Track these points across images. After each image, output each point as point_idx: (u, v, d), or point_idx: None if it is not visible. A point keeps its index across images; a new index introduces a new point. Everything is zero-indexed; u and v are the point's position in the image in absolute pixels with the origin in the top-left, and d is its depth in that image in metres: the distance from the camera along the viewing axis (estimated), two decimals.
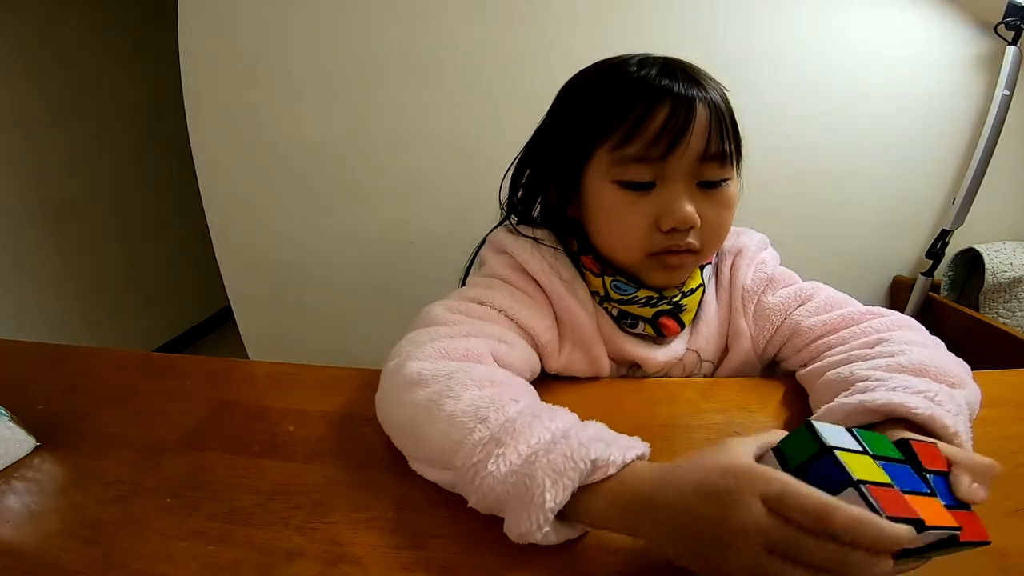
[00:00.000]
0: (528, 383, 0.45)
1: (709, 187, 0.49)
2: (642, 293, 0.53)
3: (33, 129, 1.71)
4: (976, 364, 0.45)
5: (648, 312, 0.54)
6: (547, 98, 0.56)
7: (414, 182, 1.16)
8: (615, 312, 0.55)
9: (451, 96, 1.10)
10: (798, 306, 0.54)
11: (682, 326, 0.55)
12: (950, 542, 0.27)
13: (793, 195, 1.14)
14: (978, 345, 0.99)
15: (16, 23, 1.63)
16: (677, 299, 0.54)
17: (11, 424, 0.46)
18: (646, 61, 0.49)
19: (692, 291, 0.55)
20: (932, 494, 0.28)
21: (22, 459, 0.46)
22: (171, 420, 0.51)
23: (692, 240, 0.49)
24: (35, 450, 0.47)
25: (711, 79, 0.50)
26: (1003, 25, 1.01)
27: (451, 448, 0.36)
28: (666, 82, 0.46)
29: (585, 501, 0.32)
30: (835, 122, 1.10)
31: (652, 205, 0.48)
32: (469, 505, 0.36)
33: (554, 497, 0.31)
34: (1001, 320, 1.06)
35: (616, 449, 0.33)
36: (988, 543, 0.28)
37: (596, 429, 0.35)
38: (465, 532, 0.36)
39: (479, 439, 0.35)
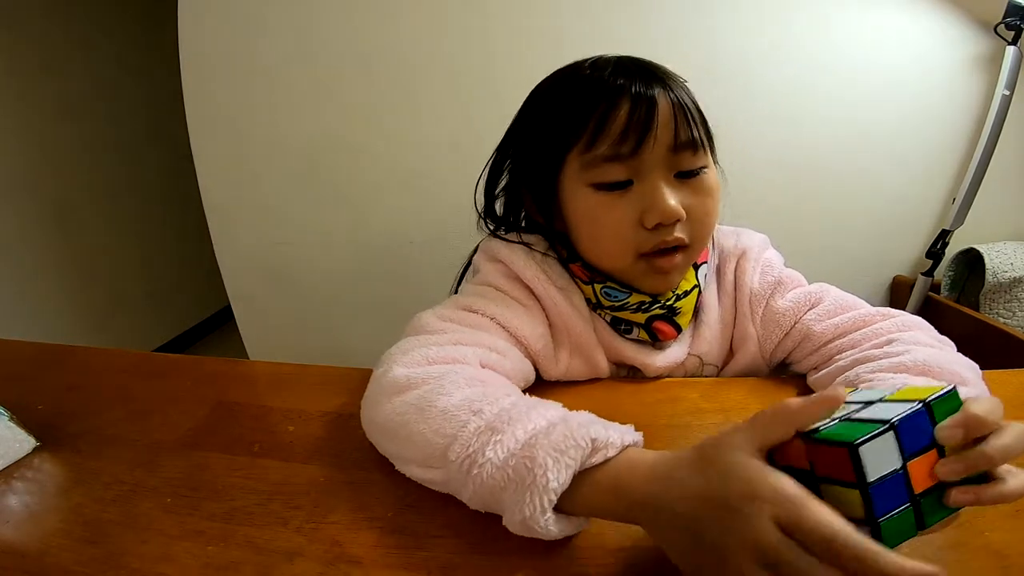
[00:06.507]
0: (518, 388, 0.44)
1: (687, 177, 0.48)
2: (634, 298, 0.52)
3: (33, 129, 1.71)
4: (976, 364, 0.45)
5: (641, 318, 0.53)
6: None
7: (414, 182, 1.15)
8: (608, 319, 0.54)
9: (451, 95, 1.10)
10: (808, 310, 0.53)
11: (678, 330, 0.54)
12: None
13: (793, 195, 1.14)
14: (978, 345, 0.98)
15: (17, 23, 1.63)
16: (671, 303, 0.53)
17: (11, 424, 0.46)
18: (599, 62, 0.50)
19: (686, 293, 0.54)
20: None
21: (22, 459, 0.46)
22: (171, 420, 0.51)
23: (680, 234, 0.48)
24: (35, 450, 0.47)
25: (668, 71, 0.50)
26: (1003, 25, 1.01)
27: (444, 444, 0.35)
28: (622, 80, 0.47)
29: (584, 486, 0.32)
30: (835, 122, 1.10)
31: (633, 203, 0.47)
32: (464, 500, 0.35)
33: (557, 476, 0.30)
34: (1001, 320, 1.06)
35: (614, 431, 0.33)
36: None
37: (590, 416, 0.35)
38: (465, 532, 0.36)
39: (474, 429, 0.34)
